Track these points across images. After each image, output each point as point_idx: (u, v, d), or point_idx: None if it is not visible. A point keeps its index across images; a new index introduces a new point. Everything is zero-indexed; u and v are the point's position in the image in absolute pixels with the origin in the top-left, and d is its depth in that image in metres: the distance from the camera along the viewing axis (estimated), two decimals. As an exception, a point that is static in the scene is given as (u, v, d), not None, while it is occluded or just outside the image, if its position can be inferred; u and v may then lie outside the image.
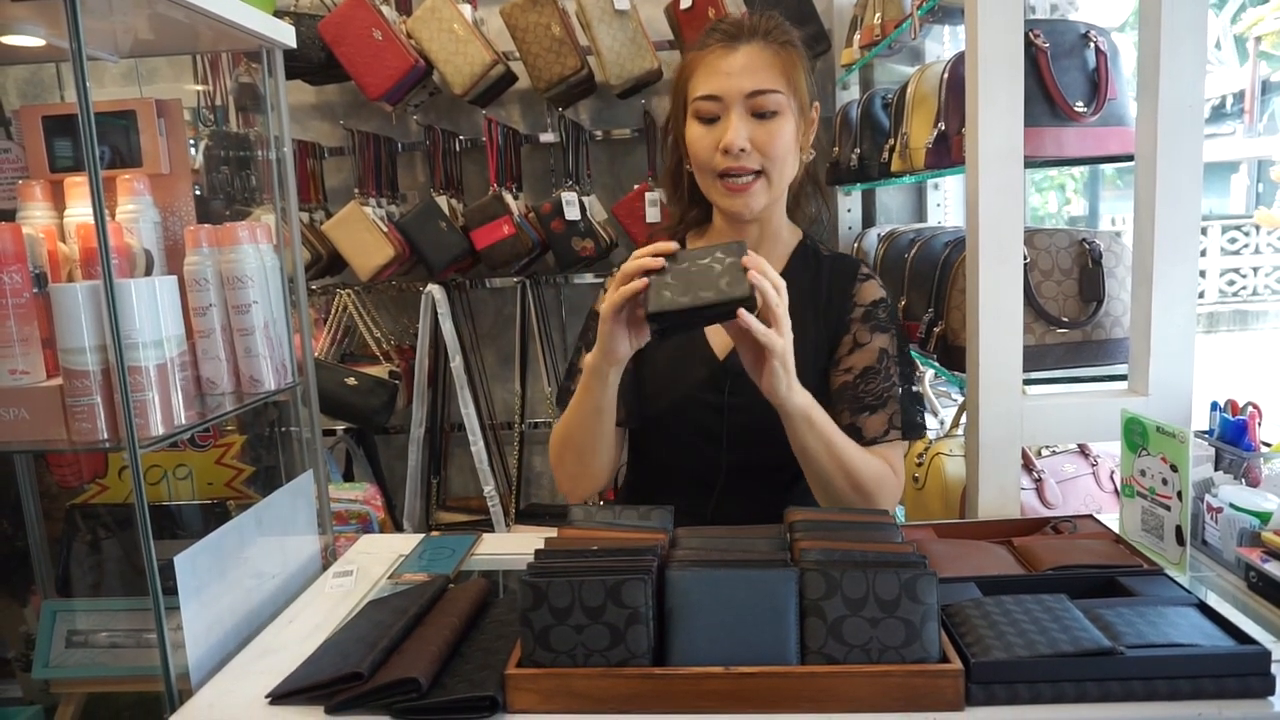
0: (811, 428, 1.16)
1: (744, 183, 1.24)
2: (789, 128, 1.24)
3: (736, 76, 1.22)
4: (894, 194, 3.03)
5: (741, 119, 1.22)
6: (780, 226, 1.35)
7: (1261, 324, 10.07)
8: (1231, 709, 0.86)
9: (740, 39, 1.24)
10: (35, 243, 1.20)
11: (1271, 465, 1.28)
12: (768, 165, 1.24)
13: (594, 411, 1.20)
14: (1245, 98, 7.41)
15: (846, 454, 1.19)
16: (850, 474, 1.19)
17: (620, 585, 0.89)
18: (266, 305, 1.34)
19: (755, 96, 1.22)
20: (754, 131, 1.22)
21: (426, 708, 0.90)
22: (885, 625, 0.88)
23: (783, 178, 1.27)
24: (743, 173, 1.23)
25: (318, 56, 2.67)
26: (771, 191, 1.26)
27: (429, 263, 2.81)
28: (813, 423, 1.16)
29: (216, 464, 1.73)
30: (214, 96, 2.54)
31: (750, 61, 1.23)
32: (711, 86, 1.23)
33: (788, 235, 1.36)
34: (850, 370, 1.28)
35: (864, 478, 1.20)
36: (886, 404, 1.26)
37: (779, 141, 1.23)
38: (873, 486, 1.21)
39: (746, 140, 1.22)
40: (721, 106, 1.23)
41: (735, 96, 1.22)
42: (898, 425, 1.26)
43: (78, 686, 1.56)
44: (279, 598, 1.27)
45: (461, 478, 3.22)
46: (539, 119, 3.05)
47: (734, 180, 1.24)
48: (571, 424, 1.25)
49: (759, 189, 1.25)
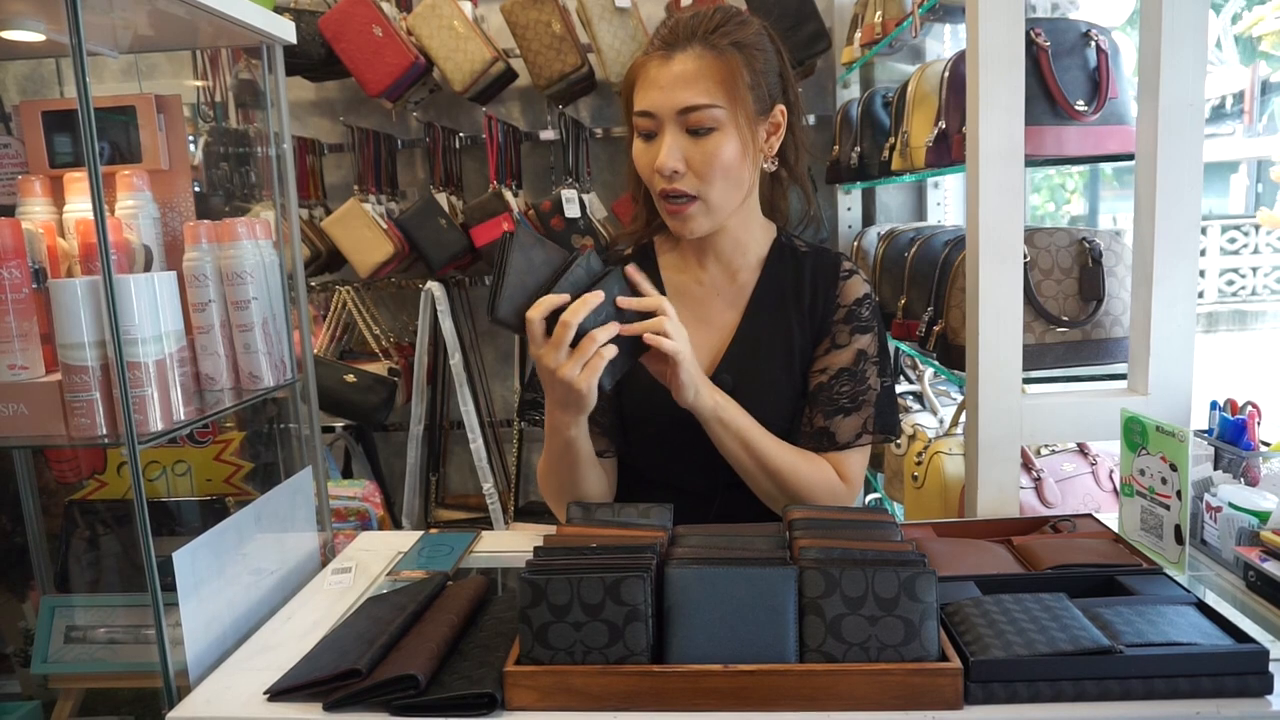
0: (725, 428, 1.15)
1: (681, 204, 1.17)
2: (728, 144, 1.14)
3: (669, 90, 1.13)
4: (894, 193, 3.03)
5: (675, 137, 1.14)
6: (748, 230, 1.27)
7: (1260, 324, 10.08)
8: (1230, 708, 0.86)
9: (676, 46, 1.14)
10: (34, 238, 1.20)
11: (1270, 465, 1.28)
12: (703, 190, 1.15)
13: (562, 450, 1.16)
14: (1245, 98, 7.41)
15: (768, 453, 1.17)
16: (773, 473, 1.18)
17: (619, 583, 0.89)
18: (266, 301, 1.34)
19: (688, 113, 1.13)
20: (689, 151, 1.14)
21: (425, 705, 0.90)
22: (884, 624, 0.88)
23: (726, 198, 1.18)
24: (679, 195, 1.16)
25: (318, 53, 2.67)
26: (713, 214, 1.18)
27: (428, 260, 2.81)
28: (725, 423, 1.15)
29: (215, 460, 1.73)
30: (214, 93, 2.53)
31: (684, 73, 1.12)
32: (646, 102, 1.15)
33: (760, 236, 1.29)
34: (825, 371, 1.24)
35: (787, 478, 1.18)
36: (861, 407, 1.23)
37: (716, 162, 1.14)
38: (799, 487, 1.19)
39: (680, 161, 1.13)
40: (656, 123, 1.15)
41: (668, 113, 1.13)
42: (871, 430, 1.23)
43: (76, 682, 1.56)
44: (277, 594, 1.27)
45: (460, 475, 3.22)
46: (539, 116, 3.05)
47: (672, 202, 1.17)
48: (549, 463, 1.21)
49: (696, 212, 1.17)
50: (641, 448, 1.29)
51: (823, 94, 3.01)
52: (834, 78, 2.94)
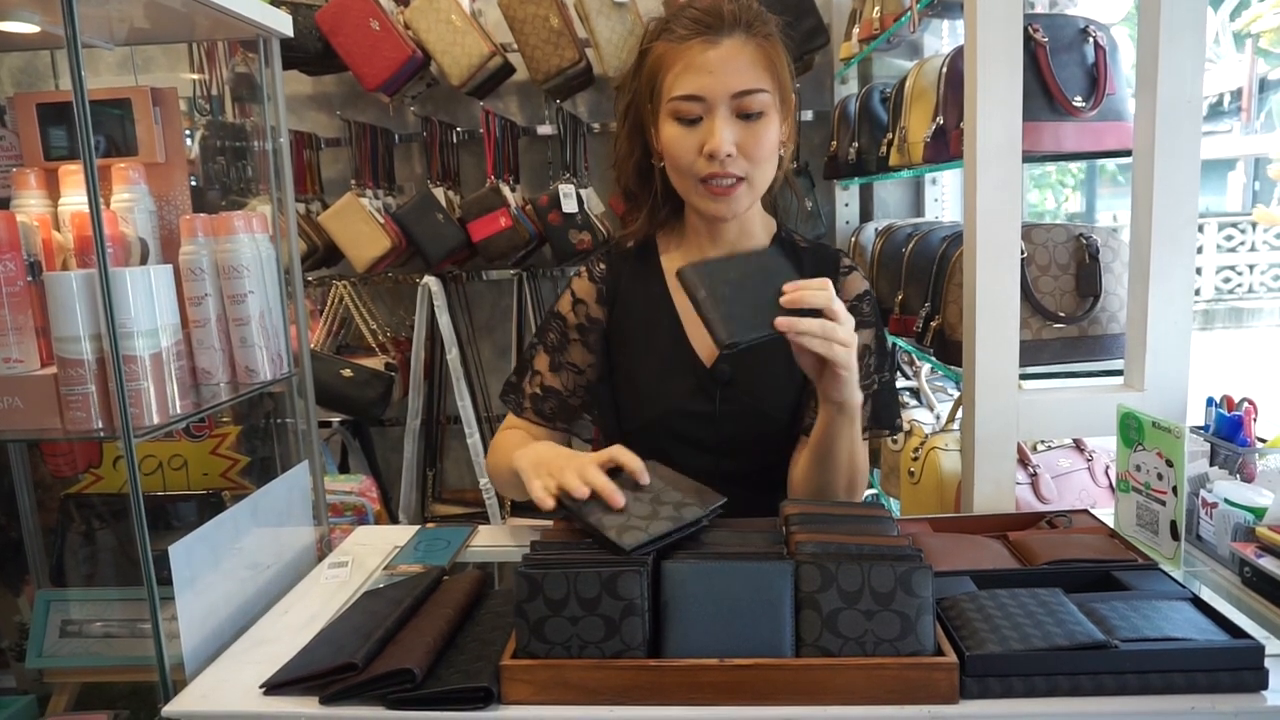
0: (852, 426, 1.13)
1: (727, 186, 1.17)
2: (774, 128, 1.18)
3: (721, 75, 1.14)
4: (892, 189, 3.02)
5: (726, 121, 1.15)
6: (755, 221, 1.30)
7: (1256, 321, 10.09)
8: (1224, 703, 0.86)
9: (722, 31, 1.15)
10: (30, 231, 1.20)
11: (1266, 461, 1.29)
12: (752, 171, 1.18)
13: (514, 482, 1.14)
14: (1243, 95, 7.42)
15: (860, 455, 1.18)
16: (853, 471, 1.18)
17: (616, 577, 0.89)
18: (262, 295, 1.33)
19: (742, 97, 1.14)
20: (740, 134, 1.15)
21: (421, 698, 0.90)
22: (880, 618, 0.88)
23: (766, 180, 1.21)
24: (728, 177, 1.17)
25: (314, 46, 2.66)
26: (753, 194, 1.21)
27: (426, 255, 2.81)
28: (854, 422, 1.13)
29: (211, 454, 1.73)
30: (210, 86, 2.52)
31: (735, 57, 1.14)
32: (693, 85, 1.15)
33: (762, 229, 1.31)
34: None
35: (857, 476, 1.19)
36: (864, 402, 1.23)
37: (765, 144, 1.16)
38: (858, 482, 1.20)
39: (733, 145, 1.15)
40: (704, 107, 1.15)
41: (721, 97, 1.14)
42: (872, 425, 1.24)
43: (72, 676, 1.56)
44: (274, 588, 1.27)
45: (457, 470, 3.22)
46: (537, 111, 3.04)
47: (717, 184, 1.17)
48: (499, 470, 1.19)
49: (742, 193, 1.19)
50: (639, 436, 1.28)
51: (820, 89, 3.00)
52: (832, 73, 2.93)
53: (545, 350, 1.33)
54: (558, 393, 1.31)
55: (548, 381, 1.30)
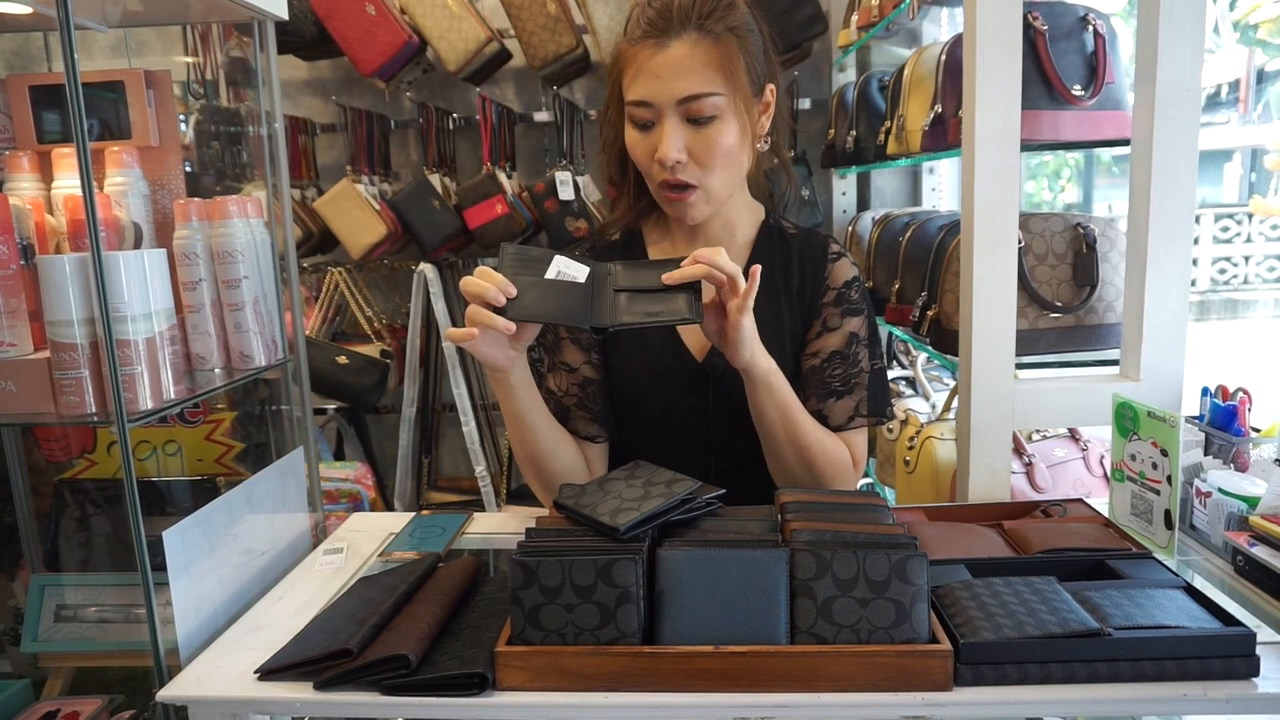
0: (772, 395, 1.13)
1: (682, 194, 1.15)
2: (729, 132, 1.13)
3: (668, 80, 1.10)
4: (889, 177, 3.02)
5: (676, 127, 1.12)
6: (738, 213, 1.27)
7: (1251, 312, 10.11)
8: (1217, 690, 0.86)
9: (670, 32, 1.11)
10: (22, 214, 1.19)
11: (1260, 450, 1.29)
12: (704, 177, 1.15)
13: (515, 419, 1.15)
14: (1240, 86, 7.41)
15: (802, 428, 1.16)
16: (801, 449, 1.17)
17: (611, 565, 0.89)
18: (257, 281, 1.33)
19: (689, 102, 1.11)
20: (690, 140, 1.12)
21: (416, 684, 0.90)
22: (875, 606, 0.88)
23: (724, 185, 1.17)
24: (680, 184, 1.15)
25: (310, 30, 2.64)
26: (713, 201, 1.18)
27: (421, 241, 2.80)
28: (774, 388, 1.13)
29: (206, 440, 1.72)
30: (204, 70, 2.50)
31: (682, 60, 1.10)
32: (642, 91, 1.12)
33: (749, 218, 1.29)
34: (817, 354, 1.24)
35: (814, 455, 1.18)
36: (854, 390, 1.23)
37: (718, 150, 1.13)
38: (823, 466, 1.18)
39: (681, 151, 1.12)
40: (654, 113, 1.12)
41: (667, 103, 1.11)
42: (864, 412, 1.23)
43: (66, 661, 1.57)
44: (268, 574, 1.27)
45: (453, 458, 3.22)
46: (533, 97, 3.03)
47: (673, 191, 1.16)
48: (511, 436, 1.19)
49: (696, 200, 1.16)
50: (634, 434, 1.28)
51: (819, 77, 2.99)
52: (830, 61, 2.92)
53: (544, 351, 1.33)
54: (554, 394, 1.30)
55: (548, 383, 1.29)
